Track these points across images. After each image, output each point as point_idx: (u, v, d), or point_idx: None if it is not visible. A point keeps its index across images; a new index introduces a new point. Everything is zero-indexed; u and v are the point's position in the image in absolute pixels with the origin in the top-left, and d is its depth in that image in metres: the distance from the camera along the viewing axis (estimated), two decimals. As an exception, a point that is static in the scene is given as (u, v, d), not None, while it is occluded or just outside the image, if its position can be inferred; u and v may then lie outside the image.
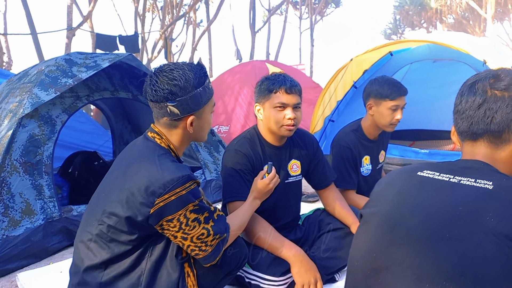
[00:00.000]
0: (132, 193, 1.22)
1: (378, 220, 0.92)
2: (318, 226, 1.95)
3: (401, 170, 0.99)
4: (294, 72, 7.23)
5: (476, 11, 16.77)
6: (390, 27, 23.83)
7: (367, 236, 0.94)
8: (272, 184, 1.64)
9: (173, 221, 1.22)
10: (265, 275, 1.63)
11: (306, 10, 20.09)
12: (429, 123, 5.08)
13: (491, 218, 0.76)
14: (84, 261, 1.29)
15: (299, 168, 1.91)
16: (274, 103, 1.69)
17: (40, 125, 2.45)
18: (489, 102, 0.89)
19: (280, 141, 1.82)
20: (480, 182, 0.82)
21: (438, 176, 0.89)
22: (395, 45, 3.95)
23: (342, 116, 4.34)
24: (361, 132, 2.28)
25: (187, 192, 1.23)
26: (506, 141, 0.89)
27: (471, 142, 0.94)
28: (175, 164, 1.28)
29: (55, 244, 2.35)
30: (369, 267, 0.90)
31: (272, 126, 1.73)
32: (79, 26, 9.07)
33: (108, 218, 1.25)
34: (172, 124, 1.35)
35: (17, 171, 2.26)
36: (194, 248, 1.28)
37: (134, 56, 3.12)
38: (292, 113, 1.68)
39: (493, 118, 0.89)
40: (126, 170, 1.30)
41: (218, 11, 12.70)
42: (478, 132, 0.91)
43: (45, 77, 2.54)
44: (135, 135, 4.34)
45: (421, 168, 0.94)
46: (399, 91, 2.08)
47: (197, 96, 1.31)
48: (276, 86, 1.68)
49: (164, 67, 1.33)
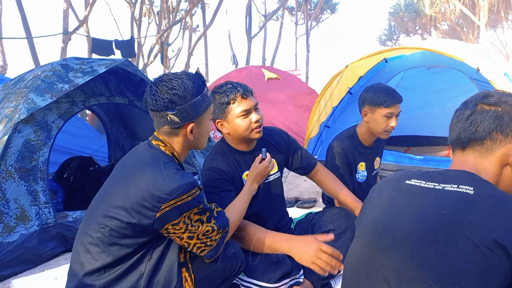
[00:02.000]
0: (136, 199, 1.24)
1: (368, 227, 1.00)
2: (311, 230, 1.96)
3: (390, 179, 1.07)
4: (290, 77, 7.26)
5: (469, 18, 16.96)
6: (385, 33, 24.02)
7: (359, 243, 1.02)
8: (270, 167, 1.71)
9: (179, 224, 1.27)
10: (260, 282, 1.64)
11: (301, 16, 20.22)
12: (423, 129, 5.12)
13: (471, 222, 0.81)
14: (83, 265, 1.30)
15: (276, 166, 1.93)
16: (236, 114, 1.68)
17: (36, 130, 2.45)
18: (476, 114, 0.98)
19: (250, 145, 1.83)
20: (462, 188, 0.89)
21: (424, 184, 0.96)
22: (390, 52, 3.99)
23: (337, 122, 4.36)
24: (356, 139, 2.30)
25: (192, 199, 1.27)
26: (489, 150, 0.96)
27: (460, 152, 1.02)
28: (180, 172, 1.31)
29: (50, 250, 2.34)
30: (360, 272, 0.97)
31: (242, 134, 1.72)
32: (75, 31, 9.07)
33: (110, 222, 1.27)
34: (172, 132, 1.39)
35: (12, 176, 2.26)
36: (200, 245, 1.34)
37: (130, 62, 3.13)
38: (256, 115, 1.70)
39: (477, 128, 0.97)
40: (129, 175, 1.31)
41: (214, 16, 12.76)
42: (464, 140, 0.99)
43: (41, 82, 2.54)
44: (131, 140, 4.33)
45: (409, 177, 1.01)
46: (394, 98, 2.11)
47: (196, 104, 1.35)
48: (231, 97, 1.67)
49: (163, 77, 1.37)
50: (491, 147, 0.96)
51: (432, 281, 0.81)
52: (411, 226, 0.89)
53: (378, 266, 0.92)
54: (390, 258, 0.89)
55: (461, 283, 0.78)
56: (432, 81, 4.75)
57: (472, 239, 0.79)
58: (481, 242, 0.78)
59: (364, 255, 0.97)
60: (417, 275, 0.83)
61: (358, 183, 2.33)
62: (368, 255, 0.95)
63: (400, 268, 0.87)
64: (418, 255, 0.85)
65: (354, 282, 0.99)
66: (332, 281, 1.81)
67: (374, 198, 1.06)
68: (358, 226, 1.07)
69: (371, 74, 4.11)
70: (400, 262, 0.87)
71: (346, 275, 1.04)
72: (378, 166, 2.46)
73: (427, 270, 0.82)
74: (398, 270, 0.87)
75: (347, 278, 1.04)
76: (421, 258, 0.84)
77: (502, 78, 3.08)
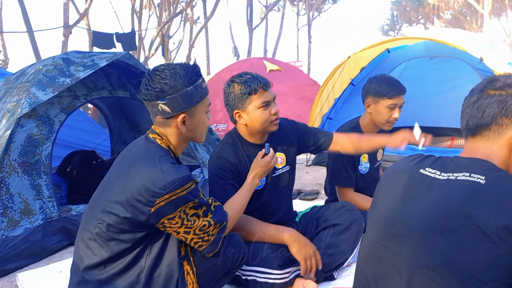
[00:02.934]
0: (132, 193, 1.24)
1: (381, 215, 1.01)
2: (316, 224, 1.96)
3: (404, 167, 1.05)
4: (292, 69, 7.22)
5: (473, 7, 16.78)
6: (388, 23, 23.82)
7: (372, 230, 1.04)
8: (272, 162, 1.67)
9: (174, 219, 1.26)
10: (260, 268, 1.65)
11: (303, 6, 20.06)
12: (426, 119, 5.09)
13: (481, 212, 0.82)
14: (83, 260, 1.30)
15: (284, 160, 1.92)
16: (258, 104, 1.67)
17: (38, 124, 2.45)
18: (482, 99, 0.98)
19: (262, 139, 1.83)
20: (474, 177, 0.89)
21: (438, 176, 0.96)
22: (392, 42, 3.96)
23: (340, 114, 4.35)
24: (359, 130, 2.29)
25: (187, 193, 1.26)
26: (497, 135, 0.96)
27: (471, 139, 1.01)
28: (175, 166, 1.30)
29: (55, 244, 2.36)
30: (370, 257, 0.99)
31: (260, 126, 1.72)
32: (76, 24, 9.04)
33: (107, 217, 1.27)
34: (165, 123, 1.38)
35: (15, 171, 2.26)
36: (198, 240, 1.32)
37: (132, 55, 3.12)
38: (275, 107, 1.70)
39: (483, 113, 0.97)
40: (127, 170, 1.31)
41: (215, 8, 12.67)
42: (472, 127, 0.99)
43: (43, 76, 2.53)
44: (133, 134, 4.33)
45: (424, 165, 1.00)
46: (397, 89, 2.09)
47: (187, 94, 1.33)
48: (254, 87, 1.67)
49: (158, 67, 1.37)
50: (498, 132, 0.96)
51: (441, 267, 0.83)
52: (423, 215, 0.91)
53: (390, 253, 0.93)
54: (401, 245, 0.91)
55: (470, 270, 0.80)
56: (435, 71, 4.72)
57: (482, 228, 0.81)
58: (490, 231, 0.80)
59: (376, 241, 0.99)
60: (427, 261, 0.85)
61: (361, 174, 2.32)
62: (380, 241, 0.97)
63: (411, 255, 0.88)
64: (428, 242, 0.86)
65: (365, 266, 1.02)
66: (335, 273, 1.82)
67: (386, 186, 1.07)
68: (371, 216, 1.08)
69: (373, 64, 4.08)
70: (411, 249, 0.89)
71: (359, 260, 1.08)
72: (381, 157, 2.45)
73: (437, 257, 0.84)
74: (408, 257, 0.89)
75: (359, 262, 1.08)
76: (432, 245, 0.86)
77: (506, 68, 3.05)
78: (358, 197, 2.22)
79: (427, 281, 0.84)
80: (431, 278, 0.84)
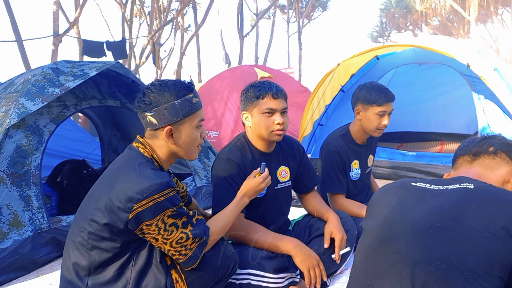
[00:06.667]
0: (111, 200, 1.25)
1: (377, 222, 1.08)
2: (308, 232, 1.96)
3: (395, 184, 1.17)
4: (282, 76, 7.26)
5: (460, 14, 17.09)
6: (377, 30, 24.10)
7: (368, 236, 1.08)
8: (264, 184, 1.66)
9: (151, 226, 1.26)
10: (255, 270, 1.64)
11: (293, 14, 20.21)
12: (416, 125, 5.15)
13: (473, 211, 0.92)
14: (69, 270, 1.31)
15: (288, 175, 1.93)
16: (262, 109, 1.72)
17: (27, 135, 2.43)
18: (490, 140, 1.19)
19: (269, 147, 1.85)
20: (464, 185, 1.02)
21: (430, 186, 1.07)
22: (381, 50, 4.00)
23: (330, 120, 4.37)
24: (349, 137, 2.31)
25: (164, 199, 1.26)
26: (498, 165, 1.14)
27: (468, 164, 1.19)
28: (155, 171, 1.31)
29: (44, 256, 2.32)
30: (368, 259, 1.05)
31: (262, 132, 1.75)
32: (66, 33, 8.98)
33: (89, 225, 1.28)
34: (154, 135, 1.40)
35: (4, 182, 2.23)
36: (174, 253, 1.31)
37: (122, 64, 3.11)
38: (280, 118, 1.72)
39: (489, 147, 1.16)
40: (110, 179, 1.33)
41: (206, 15, 12.70)
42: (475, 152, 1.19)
43: (32, 86, 2.51)
44: (124, 143, 4.31)
45: (415, 181, 1.12)
46: (387, 97, 2.12)
47: (173, 107, 1.35)
48: (263, 92, 1.71)
49: (152, 82, 1.42)
50: (499, 164, 1.14)
51: (438, 261, 0.89)
52: (419, 218, 0.98)
53: (388, 253, 0.99)
54: (400, 244, 0.97)
55: (466, 263, 0.86)
56: (423, 77, 4.79)
57: (475, 226, 0.89)
58: (483, 227, 0.89)
59: (374, 245, 1.04)
60: (424, 256, 0.91)
61: (352, 181, 2.33)
62: (378, 244, 1.02)
63: (409, 252, 0.94)
64: (425, 239, 0.93)
65: (363, 268, 1.05)
66: (328, 280, 1.82)
67: (380, 200, 1.14)
68: (367, 224, 1.12)
69: (363, 71, 4.12)
70: (408, 246, 0.95)
71: (355, 264, 1.11)
72: (371, 164, 2.47)
73: (434, 251, 0.91)
74: (407, 254, 0.94)
75: (355, 266, 1.11)
76: (429, 241, 0.93)
77: (492, 74, 3.11)
78: (350, 203, 2.23)
79: (427, 274, 0.89)
80: (430, 272, 0.89)
